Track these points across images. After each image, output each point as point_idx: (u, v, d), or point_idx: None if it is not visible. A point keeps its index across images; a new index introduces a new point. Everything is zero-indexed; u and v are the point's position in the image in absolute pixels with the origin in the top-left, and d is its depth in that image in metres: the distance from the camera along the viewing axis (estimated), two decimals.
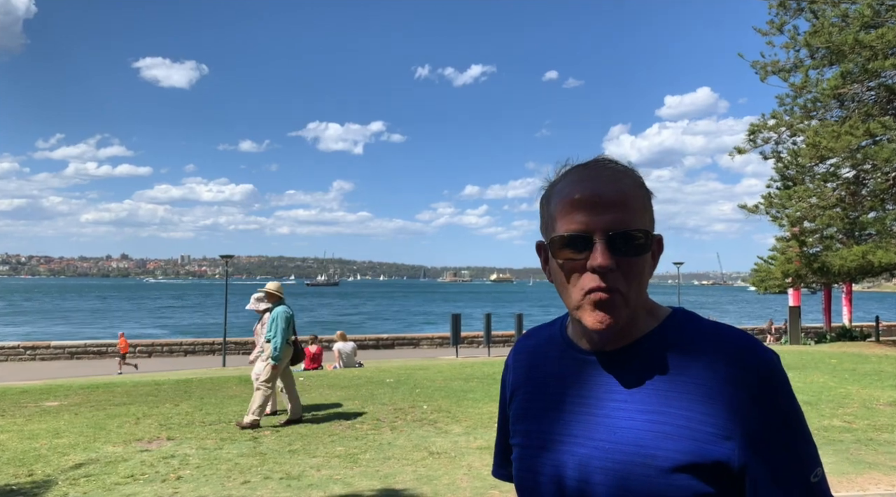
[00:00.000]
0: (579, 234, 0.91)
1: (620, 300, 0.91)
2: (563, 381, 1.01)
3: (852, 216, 18.42)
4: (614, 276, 0.90)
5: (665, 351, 0.95)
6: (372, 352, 23.01)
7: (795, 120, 19.45)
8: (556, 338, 1.08)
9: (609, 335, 0.93)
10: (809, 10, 18.63)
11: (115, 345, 22.83)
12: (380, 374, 11.99)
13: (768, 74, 19.92)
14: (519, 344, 1.16)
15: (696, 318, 1.01)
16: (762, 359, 0.92)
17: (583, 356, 1.01)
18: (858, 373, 11.70)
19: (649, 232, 0.94)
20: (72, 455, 6.04)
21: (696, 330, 0.97)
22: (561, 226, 0.93)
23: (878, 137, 16.95)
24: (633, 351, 0.97)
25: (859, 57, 17.06)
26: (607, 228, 0.90)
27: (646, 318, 0.99)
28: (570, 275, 0.93)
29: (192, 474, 5.39)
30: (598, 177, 0.93)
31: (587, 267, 0.90)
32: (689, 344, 0.95)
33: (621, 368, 0.96)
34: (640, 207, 0.94)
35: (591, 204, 0.91)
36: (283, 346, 7.32)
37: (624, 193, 0.92)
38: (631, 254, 0.91)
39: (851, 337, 22.72)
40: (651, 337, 0.97)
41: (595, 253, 0.89)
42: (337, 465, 5.64)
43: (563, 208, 0.93)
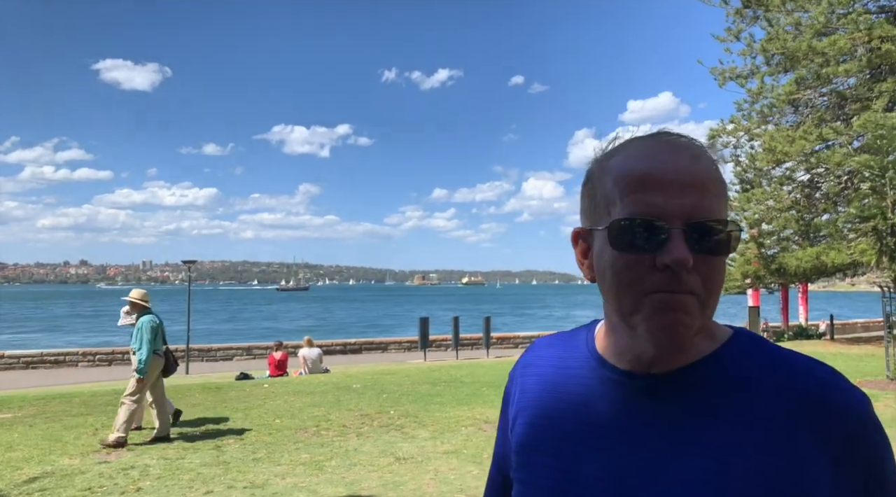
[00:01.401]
0: (649, 219, 0.71)
1: (696, 305, 0.71)
2: (590, 406, 0.81)
3: (807, 218, 19.02)
4: (691, 278, 0.70)
5: (729, 382, 0.76)
6: (339, 357, 22.83)
7: (753, 125, 20.00)
8: (581, 351, 0.87)
9: (673, 347, 0.73)
10: (765, 18, 19.22)
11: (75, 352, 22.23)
12: (346, 380, 11.91)
13: (726, 80, 20.46)
14: (530, 354, 0.95)
15: (763, 341, 0.81)
16: (853, 400, 0.74)
17: (620, 378, 0.79)
18: None
19: (734, 226, 0.74)
20: (26, 469, 5.85)
21: (767, 358, 0.78)
22: (623, 208, 0.73)
23: (830, 142, 17.54)
24: (688, 377, 0.76)
25: (812, 63, 17.65)
26: (686, 215, 0.71)
27: (703, 337, 0.78)
28: (629, 272, 0.72)
29: (153, 485, 5.27)
30: (673, 150, 0.74)
31: (657, 263, 0.70)
32: (758, 373, 0.76)
33: (672, 398, 0.76)
34: (722, 195, 0.75)
35: (665, 183, 0.71)
36: (148, 358, 6.88)
37: (706, 175, 0.73)
38: (712, 251, 0.72)
39: (807, 336, 23.42)
40: (710, 362, 0.77)
41: (671, 245, 0.70)
42: (302, 473, 5.58)
43: (628, 186, 0.73)
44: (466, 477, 5.38)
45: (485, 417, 7.85)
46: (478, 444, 6.45)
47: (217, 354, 23.82)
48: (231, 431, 7.30)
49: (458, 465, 5.75)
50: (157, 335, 7.10)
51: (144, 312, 7.22)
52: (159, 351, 7.14)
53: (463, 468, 5.64)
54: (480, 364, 15.90)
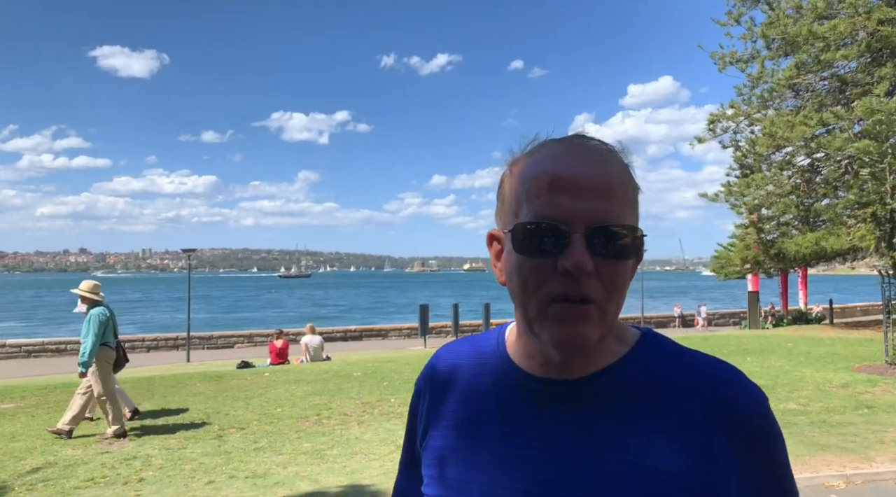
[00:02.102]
0: (551, 222, 0.71)
1: (596, 313, 0.71)
2: (505, 415, 0.80)
3: (807, 203, 18.99)
4: (591, 282, 0.70)
5: (640, 385, 0.77)
6: (340, 344, 22.91)
7: (753, 110, 19.92)
8: (493, 357, 0.85)
9: (575, 356, 0.76)
10: (765, 1, 19.07)
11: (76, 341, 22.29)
12: (347, 368, 11.96)
13: (727, 65, 20.36)
14: (436, 362, 0.91)
15: (669, 343, 0.83)
16: (753, 398, 0.77)
17: (534, 385, 0.79)
18: (813, 356, 12.12)
19: (637, 231, 0.74)
20: (28, 459, 5.89)
21: (673, 359, 0.80)
22: (527, 212, 0.73)
23: (830, 127, 17.47)
24: (600, 382, 0.78)
25: (813, 48, 17.54)
26: (589, 220, 0.70)
27: (613, 341, 0.80)
28: (533, 276, 0.72)
29: (155, 475, 5.31)
30: (581, 154, 0.74)
31: (558, 267, 0.70)
32: (664, 377, 0.78)
33: (584, 404, 0.77)
34: (629, 200, 0.74)
35: (571, 187, 0.71)
36: (93, 350, 6.70)
37: (611, 178, 0.72)
38: (614, 255, 0.72)
39: (807, 320, 23.49)
40: (621, 366, 0.79)
41: (571, 250, 0.70)
42: (303, 462, 5.62)
43: (533, 189, 0.73)
44: None
45: None
46: None
47: (218, 342, 23.90)
48: (232, 421, 7.34)
49: None
50: (107, 328, 6.95)
51: (95, 305, 7.06)
52: (109, 343, 6.99)
53: None
54: None
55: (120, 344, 7.29)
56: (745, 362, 11.34)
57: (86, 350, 6.71)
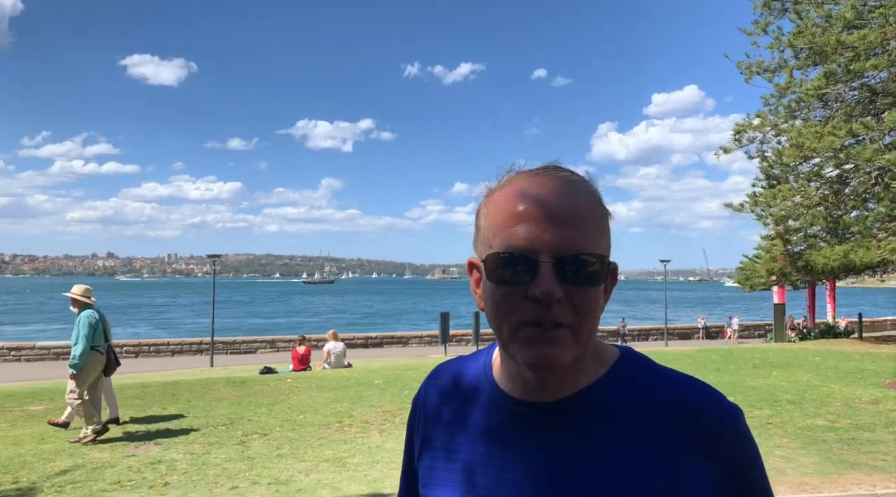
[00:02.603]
0: (521, 252, 0.74)
1: (568, 336, 0.74)
2: (489, 437, 0.82)
3: (835, 215, 18.64)
4: (561, 308, 0.73)
5: (617, 406, 0.79)
6: (361, 351, 23.00)
7: (780, 120, 19.63)
8: (480, 379, 0.88)
9: (549, 377, 0.78)
10: (793, 10, 18.81)
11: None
12: (368, 375, 12.00)
13: (753, 74, 20.10)
14: (431, 381, 0.95)
15: (648, 363, 0.85)
16: (727, 417, 0.79)
17: (513, 406, 0.82)
18: (841, 371, 11.87)
19: (605, 258, 0.77)
20: (57, 461, 6.01)
21: (650, 379, 0.81)
22: (499, 242, 0.76)
23: (860, 137, 17.14)
24: (578, 403, 0.80)
25: (842, 57, 17.25)
26: (556, 249, 0.73)
27: (591, 362, 0.82)
28: (505, 303, 0.75)
29: (180, 480, 5.38)
30: (549, 185, 0.77)
31: (528, 294, 0.73)
32: (641, 397, 0.80)
33: (563, 426, 0.79)
34: (598, 228, 0.77)
35: (538, 218, 0.74)
36: (83, 353, 6.80)
37: (579, 208, 0.76)
38: (583, 282, 0.74)
39: (835, 334, 23.02)
40: (599, 387, 0.81)
41: (539, 278, 0.72)
42: (325, 470, 5.65)
43: (504, 221, 0.76)
44: None
45: None
46: None
47: (241, 347, 24.16)
48: (255, 426, 7.41)
49: None
50: (97, 331, 7.00)
51: (85, 308, 7.14)
52: (99, 348, 7.03)
53: None
54: None
55: (111, 348, 7.30)
56: (771, 376, 11.16)
57: (76, 353, 6.81)
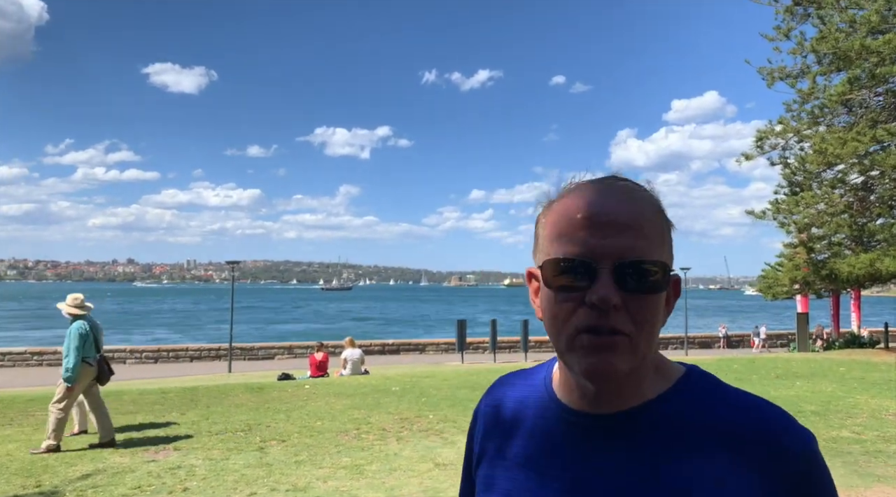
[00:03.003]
0: (579, 258, 0.74)
1: (625, 344, 0.73)
2: (548, 447, 0.82)
3: (860, 223, 18.35)
4: (619, 316, 0.72)
5: (680, 423, 0.77)
6: (377, 357, 23.02)
7: (802, 126, 19.41)
8: (540, 390, 0.88)
9: (606, 386, 0.77)
10: (816, 15, 18.62)
11: (123, 349, 22.96)
12: (385, 382, 11.99)
13: (775, 80, 19.92)
14: (492, 392, 0.96)
15: (715, 381, 0.82)
16: (800, 442, 0.75)
17: (572, 418, 0.81)
18: (867, 382, 11.63)
19: (667, 267, 0.76)
20: (79, 465, 6.07)
21: (718, 399, 0.79)
22: (558, 248, 0.76)
23: (885, 144, 16.89)
24: (638, 417, 0.78)
25: (866, 63, 17.03)
26: (616, 256, 0.73)
27: (653, 377, 0.81)
28: (563, 309, 0.75)
29: (199, 486, 5.40)
30: (610, 194, 0.77)
31: (585, 301, 0.73)
32: (706, 415, 0.77)
33: (621, 439, 0.78)
34: (658, 236, 0.77)
35: (598, 224, 0.74)
36: (75, 365, 6.76)
37: (640, 216, 0.75)
38: (642, 290, 0.73)
39: (860, 344, 22.60)
40: (661, 403, 0.79)
41: (597, 284, 0.72)
42: (343, 477, 5.63)
43: (563, 228, 0.76)
44: None
45: None
46: None
47: (259, 353, 24.30)
48: (274, 433, 7.42)
49: None
50: (87, 342, 6.95)
51: (77, 318, 7.08)
52: (90, 359, 6.97)
53: None
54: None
55: (103, 358, 7.25)
56: (795, 387, 10.97)
57: (69, 366, 6.78)
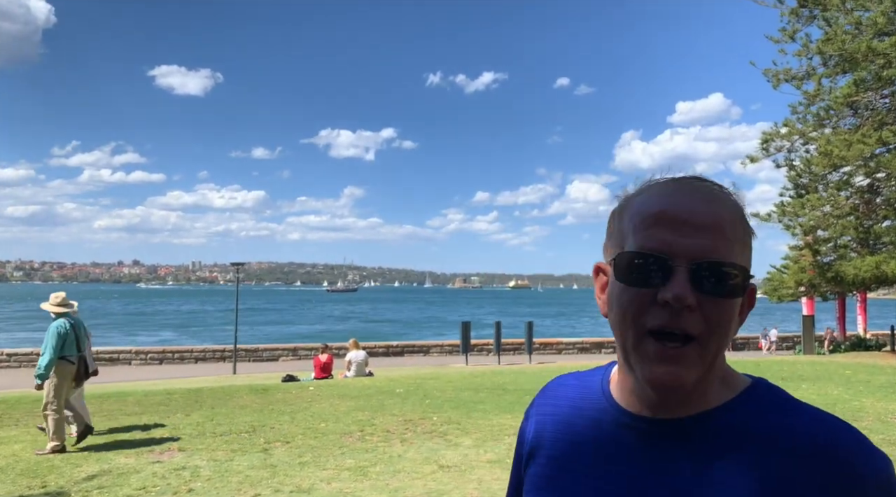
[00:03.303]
0: (655, 254, 0.71)
1: (695, 352, 0.70)
2: (602, 450, 0.80)
3: (866, 225, 18.29)
4: (693, 318, 0.70)
5: (743, 434, 0.73)
6: (381, 359, 23.02)
7: (808, 128, 19.37)
8: (596, 393, 0.86)
9: (671, 395, 0.74)
10: (822, 17, 18.58)
11: (129, 351, 23.04)
12: (390, 384, 11.99)
13: (780, 82, 19.86)
14: (546, 392, 0.94)
15: (783, 395, 0.78)
16: (876, 466, 0.70)
17: (630, 421, 0.79)
18: (873, 385, 11.58)
19: (747, 271, 0.73)
20: (84, 466, 6.09)
21: (787, 413, 0.75)
22: (633, 243, 0.74)
23: (891, 146, 16.83)
24: (700, 425, 0.75)
25: (872, 65, 16.98)
26: (694, 255, 0.70)
27: (718, 385, 0.77)
28: (633, 306, 0.72)
29: (204, 487, 5.41)
30: (692, 192, 0.75)
31: (658, 299, 0.70)
32: (774, 428, 0.73)
33: (680, 447, 0.75)
34: (740, 241, 0.74)
35: (678, 222, 0.72)
36: (49, 363, 6.75)
37: (722, 218, 0.73)
38: (719, 293, 0.70)
39: (866, 347, 22.49)
40: (725, 412, 0.75)
41: (672, 282, 0.69)
42: (347, 479, 5.64)
43: (640, 223, 0.74)
44: None
45: None
46: None
47: (263, 355, 24.31)
48: (278, 434, 7.43)
49: (502, 474, 5.72)
50: (67, 341, 6.97)
51: (58, 317, 7.12)
52: (70, 357, 6.99)
53: (507, 478, 5.57)
54: (523, 371, 15.80)
55: (83, 357, 7.25)
56: (800, 389, 10.92)
57: (41, 363, 6.79)
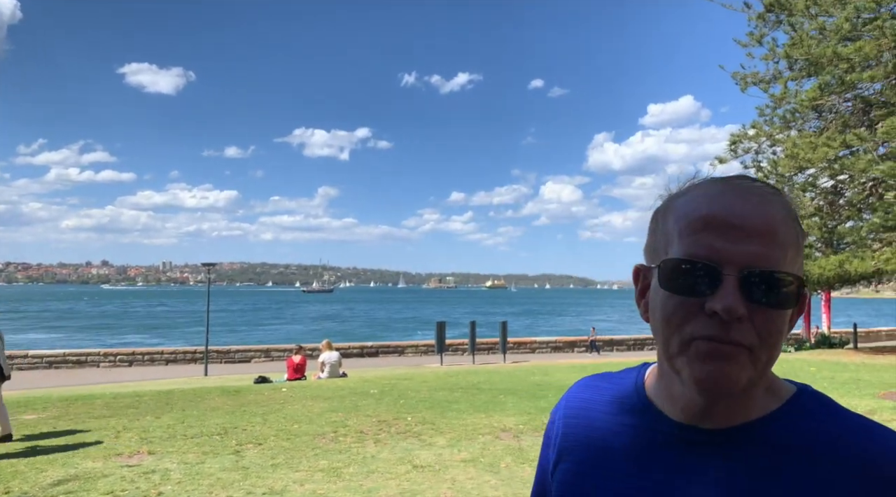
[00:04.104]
0: (704, 261, 0.67)
1: (746, 357, 0.66)
2: (636, 456, 0.76)
3: (830, 225, 18.74)
4: (742, 328, 0.66)
5: (790, 445, 0.71)
6: (356, 360, 22.92)
7: (775, 130, 19.78)
8: (630, 396, 0.82)
9: (719, 401, 0.71)
10: (788, 22, 18.98)
11: (97, 353, 22.58)
12: (364, 385, 11.95)
13: (748, 85, 20.26)
14: (574, 394, 0.89)
15: (830, 403, 0.75)
16: None
17: (671, 429, 0.75)
18: (837, 381, 11.88)
19: (802, 280, 0.69)
20: (50, 471, 5.95)
21: (833, 420, 0.72)
22: (679, 248, 0.70)
23: (854, 148, 17.27)
24: (745, 436, 0.72)
25: (837, 69, 17.41)
26: (744, 263, 0.66)
27: (764, 394, 0.74)
28: (678, 314, 0.69)
29: (174, 490, 5.33)
30: (742, 194, 0.70)
31: (705, 308, 0.66)
32: (821, 438, 0.70)
33: (726, 457, 0.71)
34: (793, 246, 0.70)
35: (728, 227, 0.67)
36: None
37: (774, 222, 0.68)
38: (771, 303, 0.67)
39: (830, 344, 23.05)
40: (770, 421, 0.73)
41: (721, 291, 0.66)
42: (320, 480, 5.61)
43: (687, 226, 0.70)
44: (484, 487, 5.37)
45: (502, 426, 7.83)
46: (495, 454, 6.43)
47: (235, 356, 24.03)
48: (250, 436, 7.36)
49: (476, 474, 5.74)
50: None
51: None
52: None
53: (480, 477, 5.63)
54: (497, 370, 15.87)
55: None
56: None
57: None
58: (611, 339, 28.87)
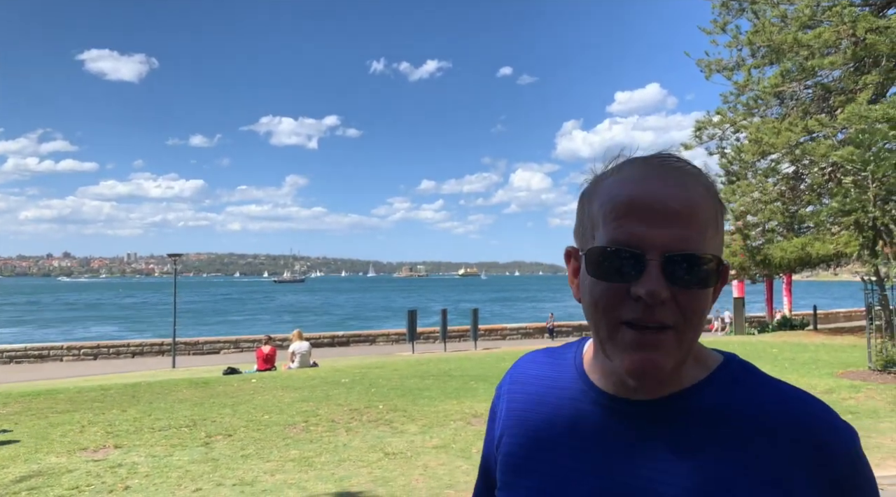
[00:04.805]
0: (627, 248, 0.70)
1: (672, 341, 0.70)
2: (575, 428, 0.79)
3: (792, 210, 19.19)
4: (667, 309, 0.69)
5: (717, 412, 0.74)
6: (327, 350, 22.82)
7: (738, 117, 20.10)
8: (570, 371, 0.85)
9: (648, 384, 0.74)
10: (751, 10, 19.27)
11: (60, 347, 22.07)
12: (335, 374, 11.91)
13: (712, 72, 20.54)
14: (517, 370, 0.92)
15: (754, 371, 0.79)
16: (844, 439, 0.72)
17: (606, 402, 0.78)
18: (797, 362, 12.23)
19: (720, 259, 0.72)
20: (12, 467, 5.81)
21: (757, 388, 0.76)
22: (604, 234, 0.72)
23: (815, 134, 17.66)
24: (675, 405, 0.75)
25: (798, 56, 17.75)
26: (666, 247, 0.69)
27: (692, 365, 0.77)
28: (605, 299, 0.71)
29: (141, 483, 5.25)
30: (663, 177, 0.72)
31: (631, 293, 0.69)
32: (748, 406, 0.74)
33: (658, 426, 0.75)
34: (712, 225, 0.72)
35: (649, 211, 0.69)
36: None
37: (694, 204, 0.71)
38: (693, 284, 0.70)
39: (791, 326, 23.70)
40: (698, 390, 0.76)
41: (645, 277, 0.68)
42: (291, 469, 5.58)
43: (610, 212, 0.72)
44: (456, 472, 5.40)
45: (473, 411, 7.89)
46: (466, 439, 6.48)
47: (204, 348, 23.72)
48: (219, 427, 7.28)
49: (448, 460, 5.78)
50: None
51: None
52: None
53: (452, 463, 5.67)
54: (468, 357, 15.96)
55: None
56: None
57: None
58: (580, 324, 29.17)
